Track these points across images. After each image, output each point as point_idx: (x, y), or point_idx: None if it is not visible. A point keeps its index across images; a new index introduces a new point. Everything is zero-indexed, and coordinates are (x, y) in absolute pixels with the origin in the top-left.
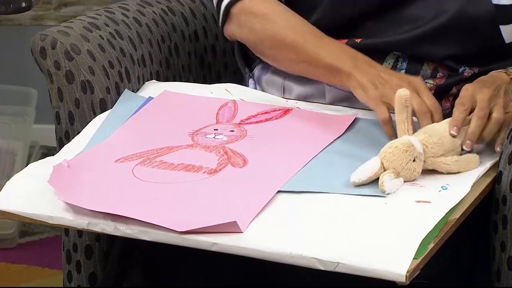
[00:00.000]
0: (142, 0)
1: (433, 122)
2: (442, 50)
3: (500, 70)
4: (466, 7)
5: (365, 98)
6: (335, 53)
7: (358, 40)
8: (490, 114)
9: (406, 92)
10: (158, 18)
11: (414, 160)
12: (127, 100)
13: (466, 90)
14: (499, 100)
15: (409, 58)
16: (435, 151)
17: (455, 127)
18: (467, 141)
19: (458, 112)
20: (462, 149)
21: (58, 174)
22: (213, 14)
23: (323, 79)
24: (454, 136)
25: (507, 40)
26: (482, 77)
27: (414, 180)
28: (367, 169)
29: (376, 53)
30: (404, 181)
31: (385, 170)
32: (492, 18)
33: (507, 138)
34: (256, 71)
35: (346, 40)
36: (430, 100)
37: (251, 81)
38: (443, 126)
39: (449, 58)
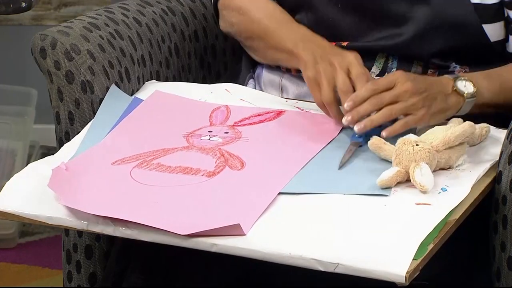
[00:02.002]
0: (142, 0)
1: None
2: (428, 49)
3: (450, 78)
4: (445, 7)
5: (305, 80)
6: (293, 37)
7: (345, 44)
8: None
9: (373, 141)
10: (158, 18)
11: (417, 145)
12: (114, 98)
13: (393, 74)
14: (411, 100)
15: (399, 58)
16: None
17: (351, 102)
18: (349, 117)
19: (365, 89)
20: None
21: (57, 177)
22: (213, 14)
23: (288, 65)
24: (346, 109)
25: (492, 39)
26: (427, 76)
27: (439, 163)
28: (388, 172)
29: (365, 55)
30: (433, 169)
31: (405, 172)
32: (472, 17)
33: (507, 138)
34: (257, 70)
35: (334, 44)
36: (355, 76)
37: (251, 81)
38: (441, 128)
39: (436, 56)
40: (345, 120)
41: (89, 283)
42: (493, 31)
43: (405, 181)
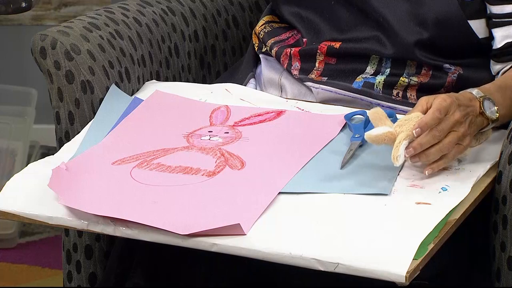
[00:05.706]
0: (142, 0)
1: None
2: (420, 49)
3: (476, 96)
4: (428, 1)
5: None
6: None
7: (337, 46)
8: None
9: (375, 110)
10: (158, 18)
11: None
12: (114, 98)
13: (444, 100)
14: (461, 130)
15: (392, 58)
16: None
17: (419, 129)
18: (410, 148)
19: (431, 117)
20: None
21: (57, 177)
22: (213, 14)
23: None
24: (414, 135)
25: (479, 36)
26: (459, 95)
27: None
28: (379, 129)
29: (358, 57)
30: None
31: (397, 135)
32: (458, 12)
33: (507, 138)
34: (257, 70)
35: (325, 47)
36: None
37: (252, 81)
38: None
39: (429, 53)
40: (407, 152)
41: (89, 283)
42: (480, 28)
43: (400, 172)
